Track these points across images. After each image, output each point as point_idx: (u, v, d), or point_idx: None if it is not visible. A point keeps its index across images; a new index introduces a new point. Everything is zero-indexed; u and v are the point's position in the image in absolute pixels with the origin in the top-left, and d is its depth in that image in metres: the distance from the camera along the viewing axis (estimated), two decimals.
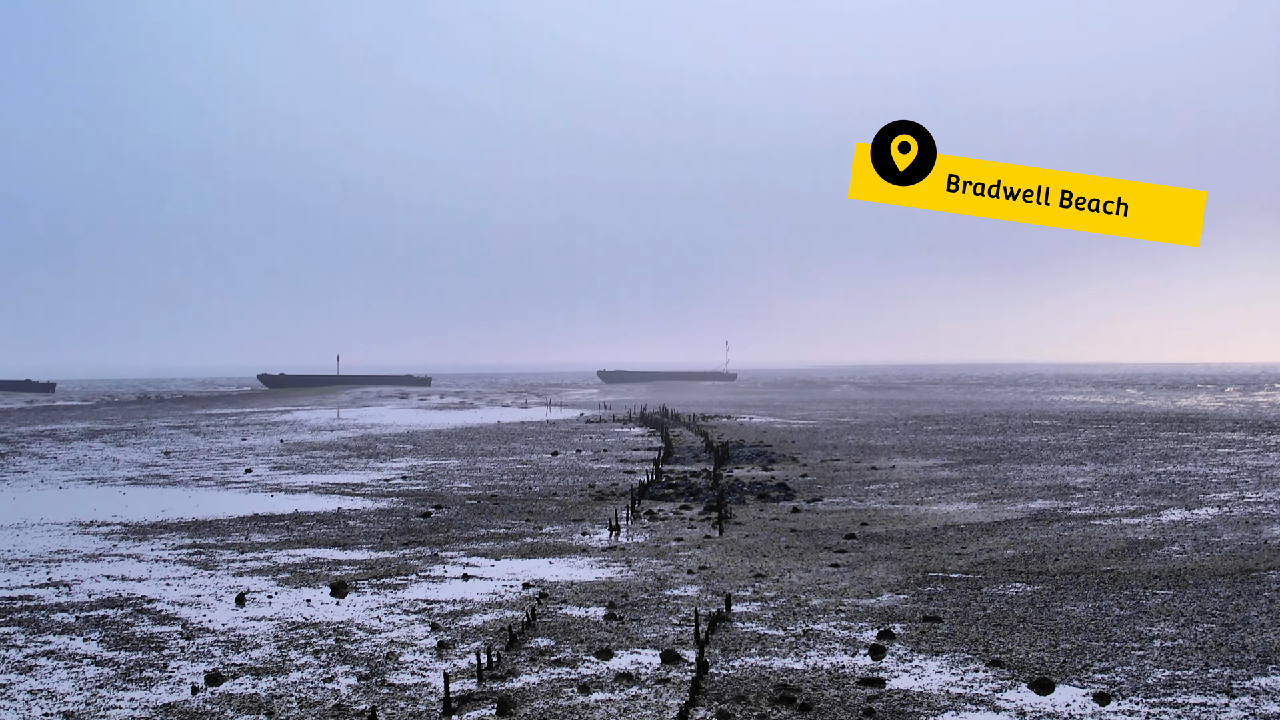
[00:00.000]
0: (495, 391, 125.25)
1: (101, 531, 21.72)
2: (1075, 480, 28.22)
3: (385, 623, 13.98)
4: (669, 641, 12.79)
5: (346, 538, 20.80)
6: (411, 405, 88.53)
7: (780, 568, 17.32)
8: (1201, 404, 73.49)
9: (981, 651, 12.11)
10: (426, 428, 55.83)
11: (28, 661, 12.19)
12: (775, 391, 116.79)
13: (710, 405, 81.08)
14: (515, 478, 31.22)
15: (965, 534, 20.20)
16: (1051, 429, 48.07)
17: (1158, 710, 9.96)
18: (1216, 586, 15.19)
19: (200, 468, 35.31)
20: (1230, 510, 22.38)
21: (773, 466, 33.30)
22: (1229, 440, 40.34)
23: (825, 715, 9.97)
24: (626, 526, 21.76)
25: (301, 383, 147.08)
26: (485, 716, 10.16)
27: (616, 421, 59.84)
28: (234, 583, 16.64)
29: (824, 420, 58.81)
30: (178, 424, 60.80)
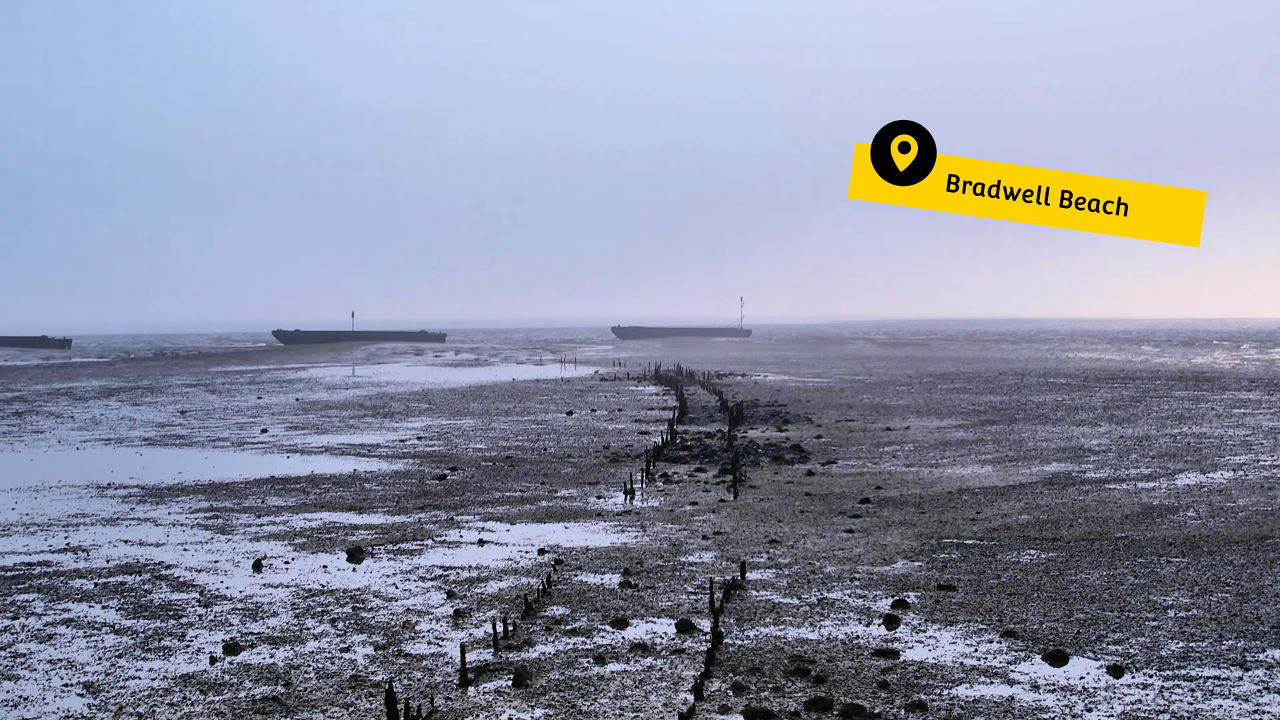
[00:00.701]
0: (510, 348, 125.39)
1: (119, 494, 21.84)
2: (1090, 442, 28.21)
3: (402, 590, 14.05)
4: (684, 610, 12.84)
5: (362, 501, 20.88)
6: (426, 362, 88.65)
7: (795, 533, 17.36)
8: (1217, 362, 73.32)
9: (995, 621, 12.15)
10: (441, 386, 55.92)
11: (47, 630, 12.28)
12: (790, 348, 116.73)
13: (725, 362, 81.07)
14: (530, 438, 31.29)
15: (980, 498, 20.22)
16: (1066, 388, 48.01)
17: (1171, 684, 9.99)
18: (1231, 554, 15.20)
19: (216, 428, 35.44)
20: (1245, 474, 22.37)
21: (787, 427, 33.32)
22: (1244, 400, 40.28)
23: (840, 688, 10.01)
24: (641, 490, 21.82)
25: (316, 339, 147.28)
26: (501, 687, 10.22)
27: (631, 379, 59.87)
28: (251, 548, 16.73)
29: (839, 378, 58.78)
30: (193, 382, 60.96)
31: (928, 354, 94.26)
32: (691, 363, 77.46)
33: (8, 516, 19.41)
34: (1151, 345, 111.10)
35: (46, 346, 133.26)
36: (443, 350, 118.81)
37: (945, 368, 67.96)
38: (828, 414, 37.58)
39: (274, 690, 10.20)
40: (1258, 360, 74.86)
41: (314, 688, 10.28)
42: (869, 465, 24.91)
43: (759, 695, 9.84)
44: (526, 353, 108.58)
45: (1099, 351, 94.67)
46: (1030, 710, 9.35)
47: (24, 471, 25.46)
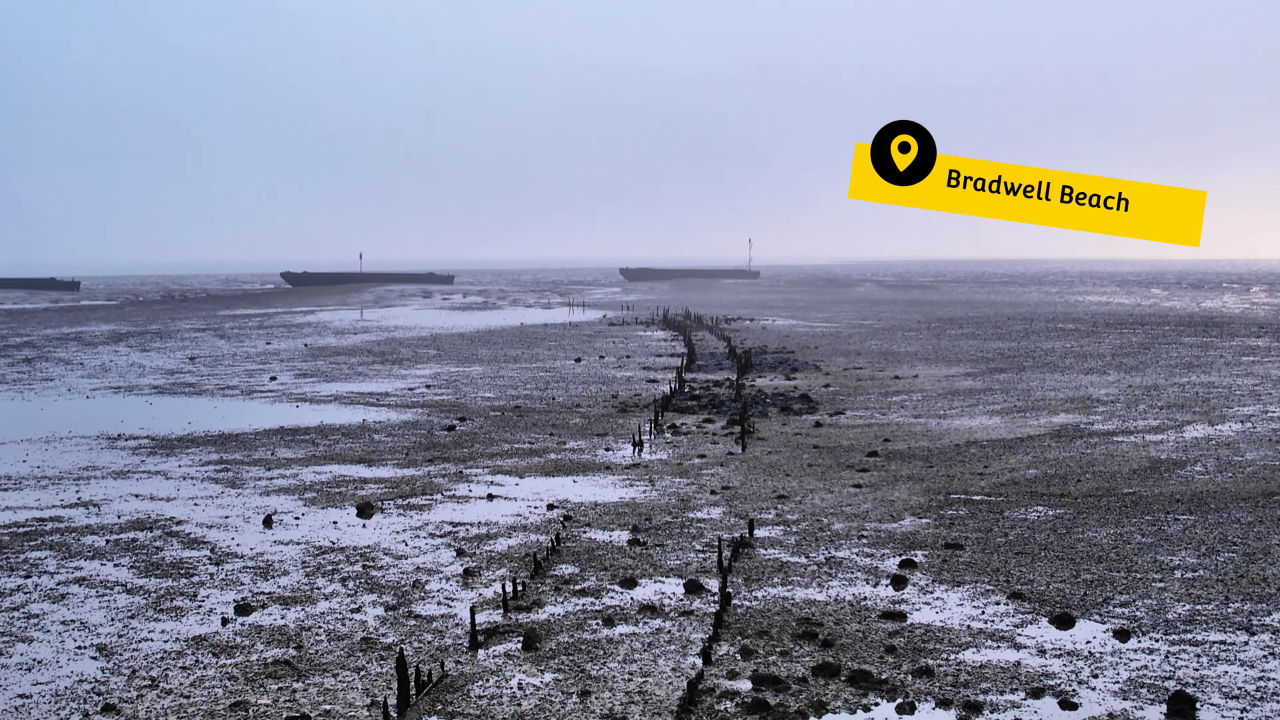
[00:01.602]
0: (518, 290, 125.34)
1: (129, 446, 21.92)
2: (1098, 392, 28.20)
3: (411, 547, 14.12)
4: (692, 569, 12.90)
5: (372, 453, 20.95)
6: (434, 305, 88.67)
7: (803, 488, 17.41)
8: (1226, 306, 73.18)
9: (1003, 582, 12.20)
10: (449, 331, 55.94)
11: (60, 589, 12.36)
12: (798, 290, 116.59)
13: (733, 306, 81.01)
14: (539, 386, 31.33)
15: (988, 451, 20.25)
16: (1075, 334, 47.97)
17: (1177, 648, 10.04)
18: (1238, 511, 15.23)
19: (225, 375, 35.50)
20: (1253, 426, 22.38)
21: (795, 375, 33.34)
22: (1253, 347, 40.23)
23: (847, 652, 10.07)
24: (650, 441, 21.87)
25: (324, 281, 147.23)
26: (511, 650, 10.28)
27: (639, 324, 59.85)
28: (261, 503, 16.81)
29: (847, 323, 58.74)
30: (202, 326, 61.03)
31: (936, 297, 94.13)
32: (699, 306, 77.43)
33: (19, 469, 19.50)
34: (1161, 288, 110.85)
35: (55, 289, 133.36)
36: (451, 293, 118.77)
37: (954, 312, 67.88)
38: (835, 361, 37.58)
39: (285, 653, 10.28)
40: (1267, 304, 74.70)
41: (325, 650, 10.35)
42: (877, 416, 24.93)
43: (767, 660, 9.90)
44: (534, 295, 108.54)
45: (1108, 295, 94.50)
46: (1037, 676, 9.41)
47: (35, 421, 25.54)
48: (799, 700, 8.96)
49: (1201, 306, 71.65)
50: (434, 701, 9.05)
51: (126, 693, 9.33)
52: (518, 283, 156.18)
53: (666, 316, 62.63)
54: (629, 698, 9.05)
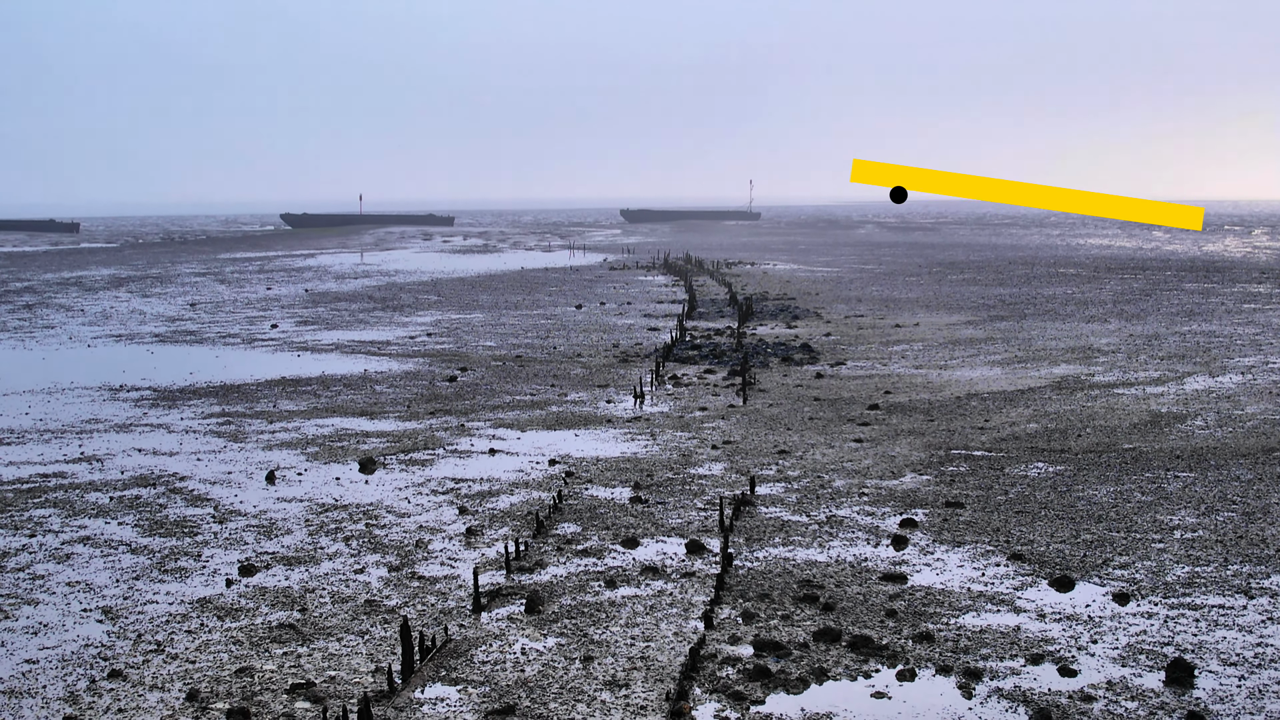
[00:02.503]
0: (518, 232, 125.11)
1: (131, 397, 21.95)
2: (1099, 341, 28.22)
3: (414, 505, 14.18)
4: (694, 529, 12.96)
5: (373, 405, 20.99)
6: (435, 248, 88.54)
7: (804, 442, 17.46)
8: (1228, 249, 73.09)
9: (1003, 543, 12.25)
10: (450, 275, 55.90)
11: (64, 549, 12.42)
12: (799, 232, 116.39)
13: (734, 249, 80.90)
14: (540, 335, 31.35)
15: (988, 404, 20.28)
16: (1076, 279, 47.95)
17: (1176, 613, 10.10)
18: (1238, 469, 15.28)
19: (226, 322, 35.52)
20: (1254, 378, 22.42)
21: (796, 323, 33.35)
22: (1254, 294, 40.24)
23: (848, 616, 10.13)
24: (651, 393, 21.90)
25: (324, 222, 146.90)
26: (514, 614, 10.35)
27: (640, 268, 59.80)
28: (264, 458, 16.86)
29: (848, 268, 58.69)
30: (202, 270, 60.99)
31: (938, 240, 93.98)
32: (700, 250, 77.34)
33: (22, 422, 19.55)
34: (1162, 230, 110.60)
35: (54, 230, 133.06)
36: (451, 235, 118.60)
37: (955, 255, 67.80)
38: (837, 308, 37.59)
39: (290, 616, 10.34)
40: (1269, 248, 74.61)
41: (329, 613, 10.41)
42: (878, 367, 24.95)
43: (768, 624, 9.96)
44: (535, 237, 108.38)
45: (1109, 238, 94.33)
46: (1036, 642, 9.47)
47: (37, 371, 25.58)
48: (800, 667, 9.02)
49: (1203, 250, 71.55)
50: (438, 668, 9.12)
51: (132, 657, 9.39)
52: (518, 224, 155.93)
53: (667, 261, 62.56)
54: (631, 663, 9.12)
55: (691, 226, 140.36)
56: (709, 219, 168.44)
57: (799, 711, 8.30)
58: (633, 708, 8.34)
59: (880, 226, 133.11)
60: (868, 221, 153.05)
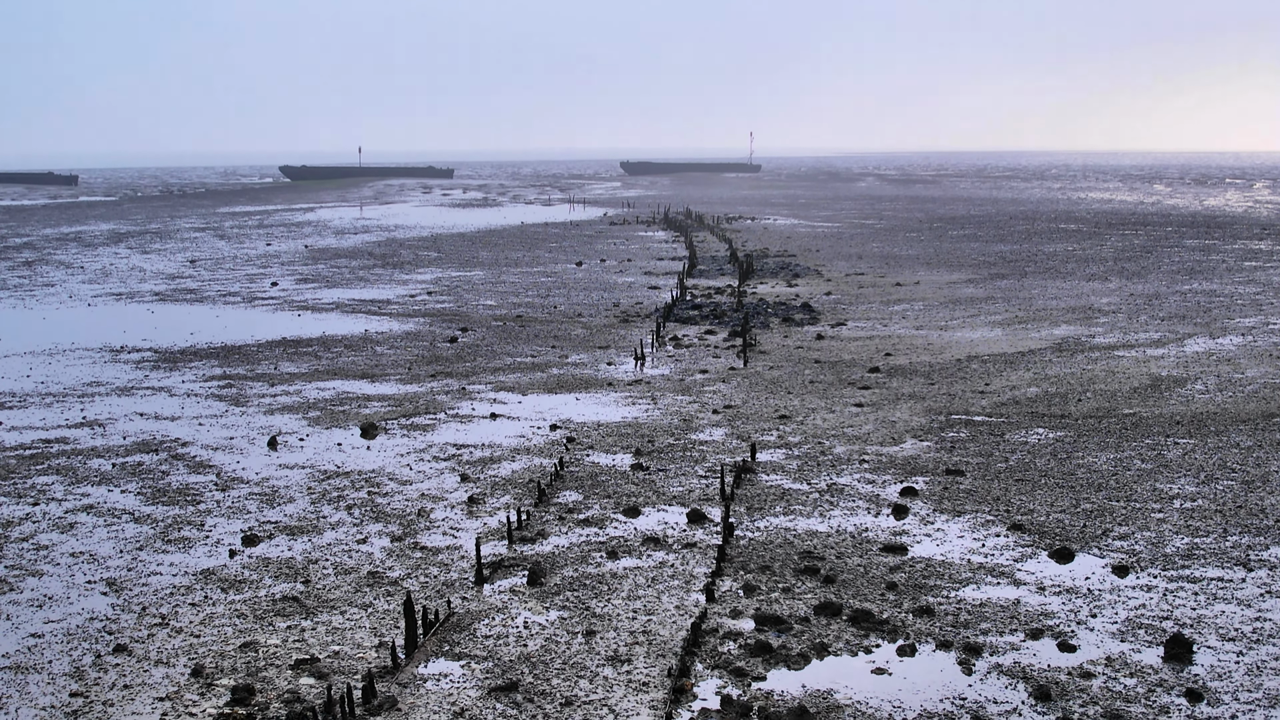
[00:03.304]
0: (518, 185, 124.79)
1: (133, 359, 21.97)
2: (1100, 300, 28.22)
3: (416, 471, 14.21)
4: (695, 497, 13.00)
5: (374, 367, 21.00)
6: (434, 202, 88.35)
7: (804, 407, 17.48)
8: (1229, 204, 72.94)
9: (1003, 512, 12.29)
10: (450, 230, 55.80)
11: (68, 518, 12.46)
12: (800, 186, 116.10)
13: (734, 203, 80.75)
14: (540, 293, 31.33)
15: (989, 367, 20.30)
16: (1077, 235, 47.88)
17: (1175, 585, 10.14)
18: (1237, 435, 15.31)
19: (226, 280, 35.49)
20: (1254, 339, 22.43)
21: (797, 281, 33.32)
22: (1255, 251, 40.21)
23: (849, 589, 10.18)
24: (652, 355, 21.92)
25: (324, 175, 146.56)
26: (516, 586, 10.39)
27: (640, 223, 59.69)
28: (266, 422, 16.88)
29: (848, 223, 58.59)
30: (202, 225, 60.87)
31: (938, 193, 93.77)
32: (700, 204, 77.18)
33: (24, 385, 19.57)
34: (1163, 184, 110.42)
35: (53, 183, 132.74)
36: (450, 187, 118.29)
37: (955, 210, 67.68)
38: (837, 265, 37.56)
39: (293, 588, 10.38)
40: (1270, 202, 74.48)
41: (332, 585, 10.46)
42: (878, 327, 24.96)
43: (769, 597, 10.01)
44: (535, 190, 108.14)
45: (1110, 191, 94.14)
46: (1036, 616, 9.52)
47: (38, 332, 25.59)
48: (801, 642, 9.07)
49: (1204, 205, 71.42)
50: (441, 642, 9.17)
51: (137, 631, 9.44)
52: (517, 176, 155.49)
53: (668, 216, 62.43)
54: (633, 638, 9.16)
55: (691, 179, 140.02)
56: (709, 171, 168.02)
57: (800, 688, 8.35)
58: (634, 684, 8.39)
59: (881, 179, 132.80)
60: (868, 174, 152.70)
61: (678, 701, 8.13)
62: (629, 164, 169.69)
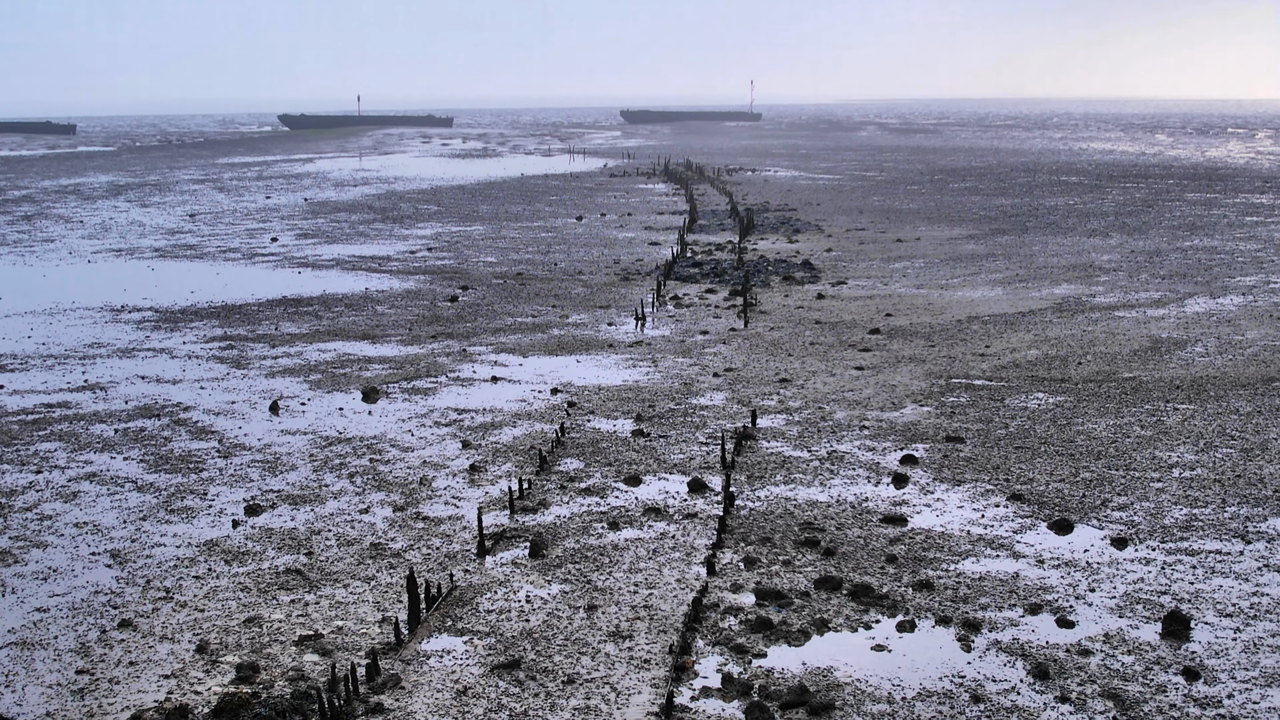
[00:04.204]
0: (517, 134, 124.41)
1: (133, 319, 21.98)
2: (1101, 258, 28.22)
3: (417, 438, 14.25)
4: (695, 465, 13.05)
5: (375, 327, 21.02)
6: (434, 152, 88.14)
7: (805, 370, 17.52)
8: (1231, 155, 72.77)
9: (1003, 481, 12.34)
10: (450, 183, 55.70)
11: (71, 487, 12.51)
12: (800, 135, 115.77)
13: (734, 153, 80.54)
14: (540, 250, 31.31)
15: (989, 328, 20.32)
16: (1078, 188, 47.80)
17: (1173, 559, 10.19)
18: (1237, 400, 15.35)
19: (226, 235, 35.46)
20: (1254, 299, 22.45)
21: (798, 238, 33.29)
22: (1257, 206, 40.16)
23: (849, 562, 10.23)
24: (652, 315, 21.94)
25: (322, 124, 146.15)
26: (518, 558, 10.45)
27: (640, 175, 59.58)
28: (267, 386, 16.92)
29: (849, 175, 58.48)
30: (201, 177, 60.75)
31: (939, 143, 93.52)
32: (700, 154, 77.01)
33: (25, 346, 19.60)
34: (1165, 133, 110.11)
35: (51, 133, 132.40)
36: (450, 137, 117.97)
37: (956, 161, 67.53)
38: (838, 220, 37.51)
39: (296, 560, 10.44)
40: (1272, 153, 74.30)
41: (335, 557, 10.51)
42: (879, 286, 24.96)
43: (770, 570, 10.07)
44: (534, 140, 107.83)
45: (1112, 141, 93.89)
46: (1035, 590, 9.57)
47: (38, 290, 25.60)
48: (801, 617, 9.12)
49: (1206, 156, 71.25)
50: (444, 617, 9.23)
51: (142, 605, 9.49)
52: (517, 125, 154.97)
53: (668, 168, 62.30)
54: (634, 613, 9.22)
55: (692, 128, 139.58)
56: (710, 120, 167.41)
57: (800, 665, 8.40)
58: (636, 661, 8.45)
59: (882, 128, 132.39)
60: (869, 123, 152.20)
61: (679, 680, 8.19)
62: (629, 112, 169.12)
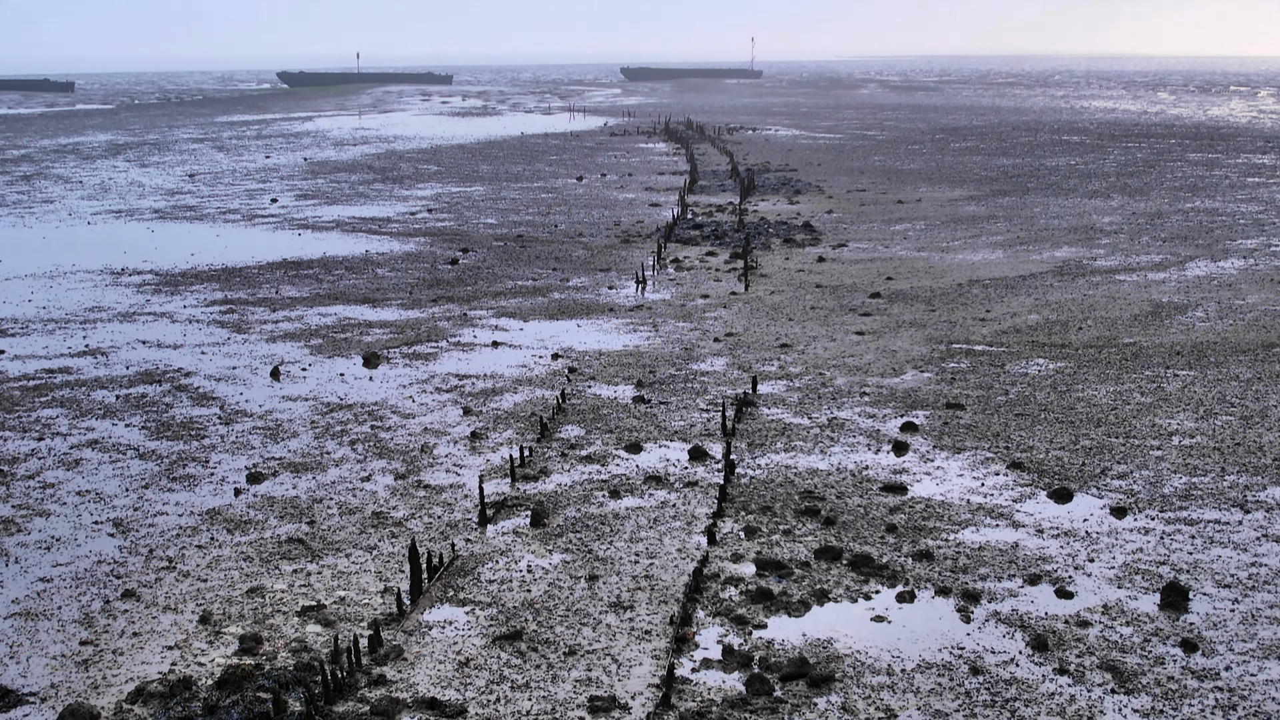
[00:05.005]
0: (517, 91, 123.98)
1: (134, 282, 21.97)
2: (1102, 220, 28.17)
3: (419, 404, 14.27)
4: (696, 432, 13.07)
5: (376, 290, 21.02)
6: (434, 110, 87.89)
7: (806, 334, 17.52)
8: (1233, 114, 72.54)
9: (1003, 448, 12.36)
10: (450, 142, 55.56)
11: (73, 454, 12.53)
12: (801, 93, 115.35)
13: (735, 112, 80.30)
14: (540, 211, 31.27)
15: (990, 292, 20.31)
16: (1080, 148, 47.69)
17: (1172, 528, 10.22)
18: (1237, 366, 15.36)
19: (225, 196, 35.40)
20: (1255, 262, 22.43)
21: (798, 199, 33.24)
22: (1258, 166, 40.05)
23: (849, 531, 10.26)
24: (653, 278, 21.93)
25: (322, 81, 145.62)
26: (520, 527, 10.48)
27: (641, 134, 59.45)
28: (268, 351, 16.93)
29: (850, 134, 58.32)
30: (200, 136, 60.60)
31: (941, 101, 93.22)
32: (701, 113, 76.78)
33: (26, 310, 19.60)
34: (1167, 91, 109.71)
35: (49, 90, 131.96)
36: (450, 94, 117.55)
37: (958, 120, 67.33)
38: (839, 181, 37.44)
39: (298, 529, 10.47)
40: (1274, 112, 74.06)
41: (337, 526, 10.55)
42: (880, 249, 24.94)
43: (770, 540, 10.09)
44: (534, 98, 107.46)
45: (1114, 100, 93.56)
46: (1034, 560, 9.61)
47: (38, 252, 25.58)
48: (801, 588, 9.15)
49: (1208, 115, 71.03)
50: (445, 587, 9.27)
51: (145, 575, 9.53)
52: (517, 82, 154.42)
53: (668, 127, 62.14)
54: (635, 583, 9.26)
55: (692, 86, 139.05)
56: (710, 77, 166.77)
57: (800, 636, 8.44)
58: (637, 632, 8.49)
59: (883, 86, 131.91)
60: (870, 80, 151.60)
61: (680, 651, 8.23)
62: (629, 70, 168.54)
